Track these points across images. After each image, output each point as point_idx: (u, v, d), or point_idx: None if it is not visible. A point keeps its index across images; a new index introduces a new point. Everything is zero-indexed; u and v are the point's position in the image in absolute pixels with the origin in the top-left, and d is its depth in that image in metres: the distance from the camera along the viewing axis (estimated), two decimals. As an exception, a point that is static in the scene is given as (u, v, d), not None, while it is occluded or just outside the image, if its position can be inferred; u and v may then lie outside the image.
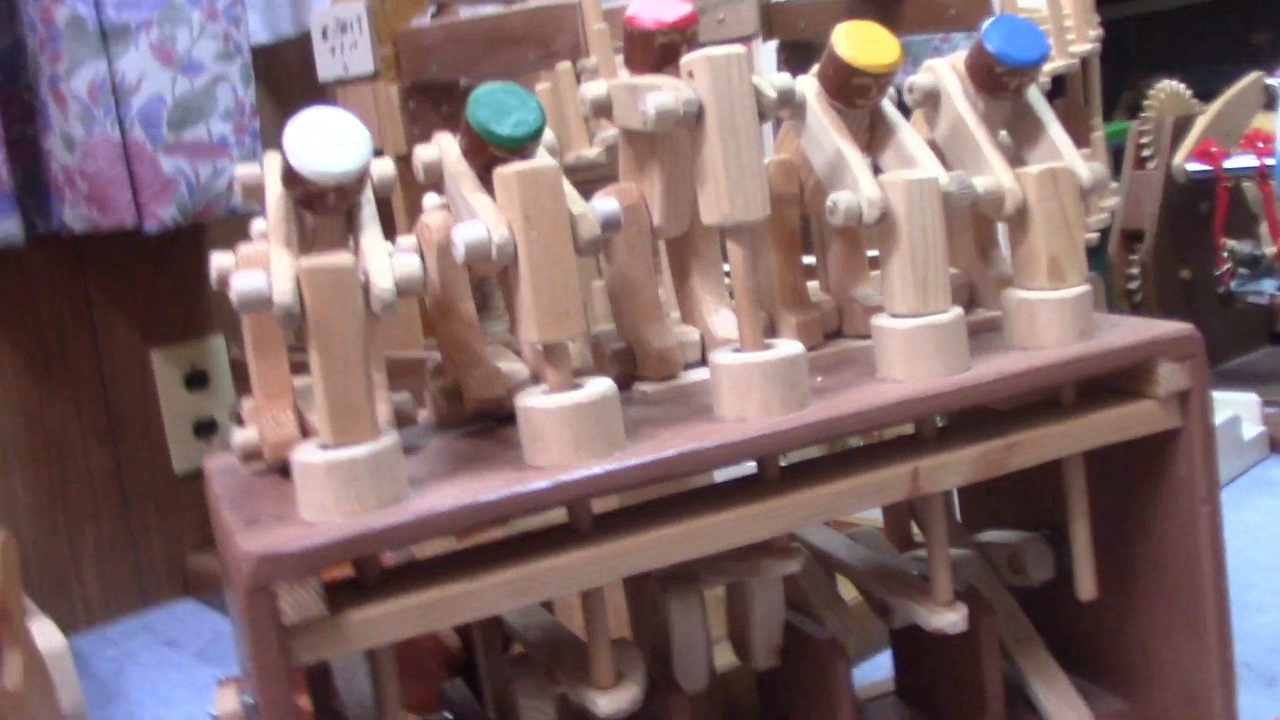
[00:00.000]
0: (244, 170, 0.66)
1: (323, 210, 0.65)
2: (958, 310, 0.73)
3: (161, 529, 1.57)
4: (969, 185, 0.75)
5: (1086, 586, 0.82)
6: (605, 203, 0.67)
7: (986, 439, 0.73)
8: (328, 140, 0.62)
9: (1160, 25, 2.70)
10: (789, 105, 0.76)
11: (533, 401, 0.65)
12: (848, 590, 0.93)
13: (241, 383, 1.57)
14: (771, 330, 0.81)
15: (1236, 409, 1.59)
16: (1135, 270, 1.83)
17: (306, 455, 0.61)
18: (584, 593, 0.69)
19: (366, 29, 1.25)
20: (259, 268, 0.61)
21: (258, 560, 0.58)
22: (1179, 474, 0.79)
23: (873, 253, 0.80)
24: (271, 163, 0.66)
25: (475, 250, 0.63)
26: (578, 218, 0.65)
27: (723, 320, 0.79)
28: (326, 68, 1.33)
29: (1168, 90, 1.89)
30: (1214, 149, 1.73)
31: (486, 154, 0.68)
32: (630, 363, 0.79)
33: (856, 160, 0.74)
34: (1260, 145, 1.67)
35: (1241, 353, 1.97)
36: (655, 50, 0.72)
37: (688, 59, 0.68)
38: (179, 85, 1.32)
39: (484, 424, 0.76)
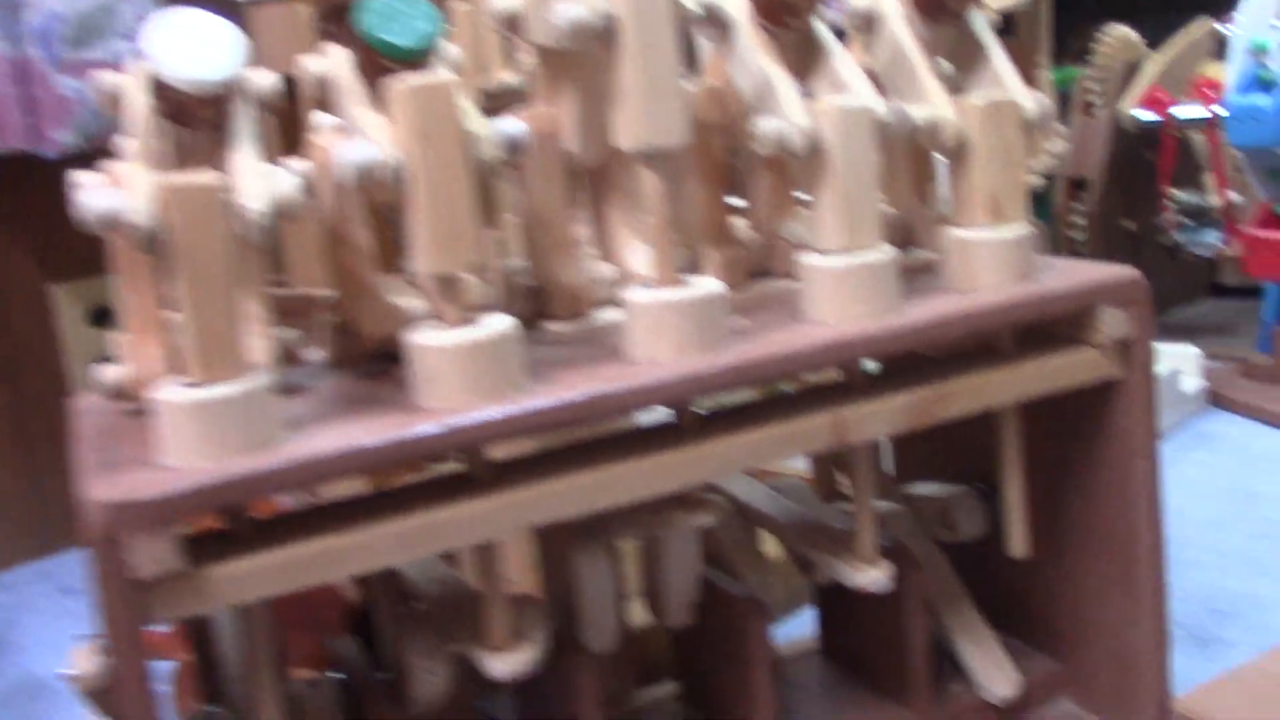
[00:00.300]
0: (103, 79, 0.60)
1: (194, 124, 0.58)
2: (890, 249, 0.68)
3: (63, 472, 1.50)
4: (906, 115, 0.69)
5: (1018, 544, 0.78)
6: (510, 123, 0.62)
7: (916, 387, 0.69)
8: (196, 45, 0.56)
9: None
10: (716, 23, 0.70)
11: (423, 338, 0.59)
12: (773, 545, 0.88)
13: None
14: (694, 269, 0.76)
15: (1176, 362, 1.56)
16: (1080, 220, 1.80)
17: (169, 394, 0.56)
18: (476, 546, 0.63)
19: (279, -56, 1.17)
20: (118, 186, 0.55)
21: (107, 508, 0.52)
22: (1118, 427, 0.75)
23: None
24: (136, 71, 0.60)
25: (366, 173, 0.57)
26: (476, 137, 0.59)
27: (641, 257, 0.74)
28: (237, -15, 1.25)
29: (1118, 36, 1.85)
30: (1162, 96, 1.69)
31: (379, 67, 0.62)
32: (540, 300, 0.73)
33: (785, 85, 0.68)
34: (1209, 93, 1.63)
35: (1183, 304, 1.94)
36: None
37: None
38: (78, 1, 1.24)
39: (383, 364, 0.71)
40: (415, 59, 0.61)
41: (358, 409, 0.61)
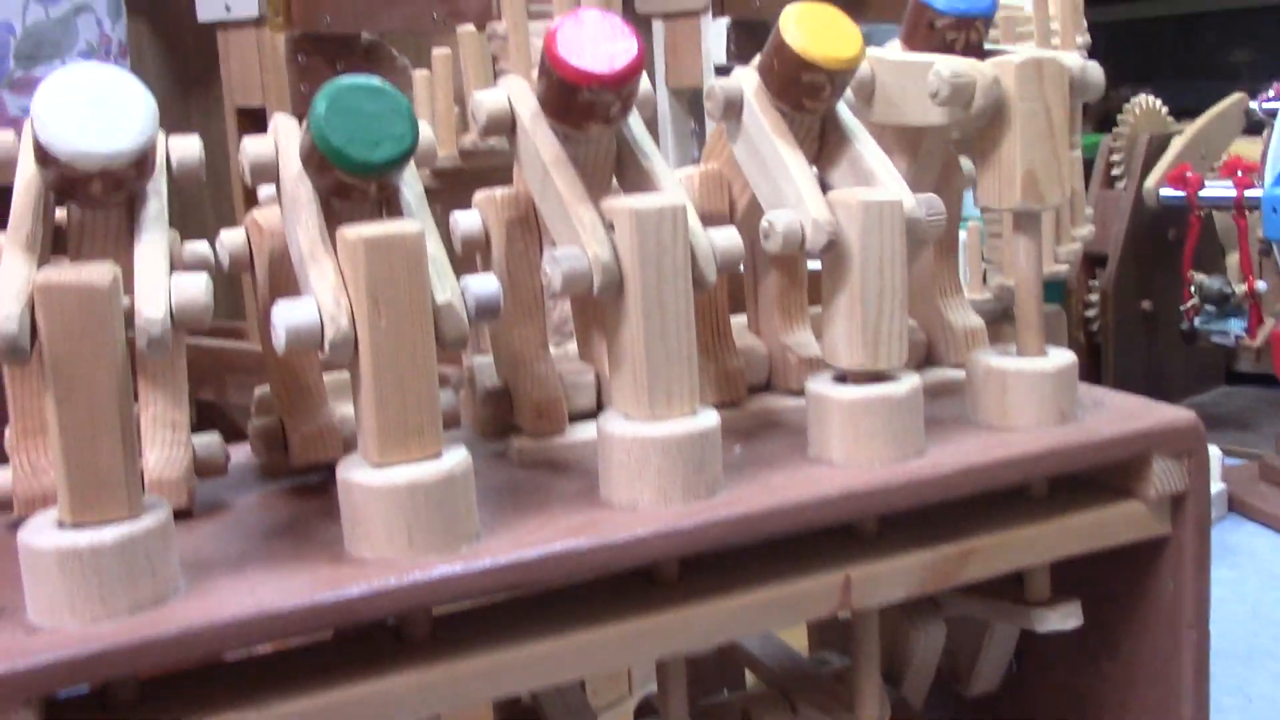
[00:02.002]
0: (-10, 139, 0.50)
1: (87, 202, 0.48)
2: (913, 379, 0.58)
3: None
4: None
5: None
6: (483, 281, 0.51)
7: (936, 542, 0.59)
8: (95, 108, 0.46)
9: (1133, 34, 2.57)
10: (724, 101, 0.61)
11: (356, 474, 0.49)
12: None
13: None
14: (684, 379, 0.66)
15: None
16: (1094, 297, 1.71)
17: (35, 536, 0.45)
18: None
19: (252, -34, 1.08)
20: (-14, 277, 0.45)
21: (-61, 687, 0.42)
22: (1162, 589, 0.65)
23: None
24: (28, 132, 0.50)
25: (300, 339, 0.47)
26: (442, 307, 0.49)
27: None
28: (207, 6, 1.15)
29: (1143, 106, 1.76)
30: (1190, 174, 1.60)
31: (334, 172, 0.51)
32: (507, 406, 0.63)
33: (802, 172, 0.59)
34: (1240, 175, 1.54)
35: (1197, 392, 1.85)
36: (578, 107, 0.56)
37: (610, 206, 0.53)
38: (31, 12, 1.13)
39: (321, 474, 0.61)
40: (381, 174, 0.50)
41: (275, 548, 0.51)
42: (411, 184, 0.54)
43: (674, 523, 0.52)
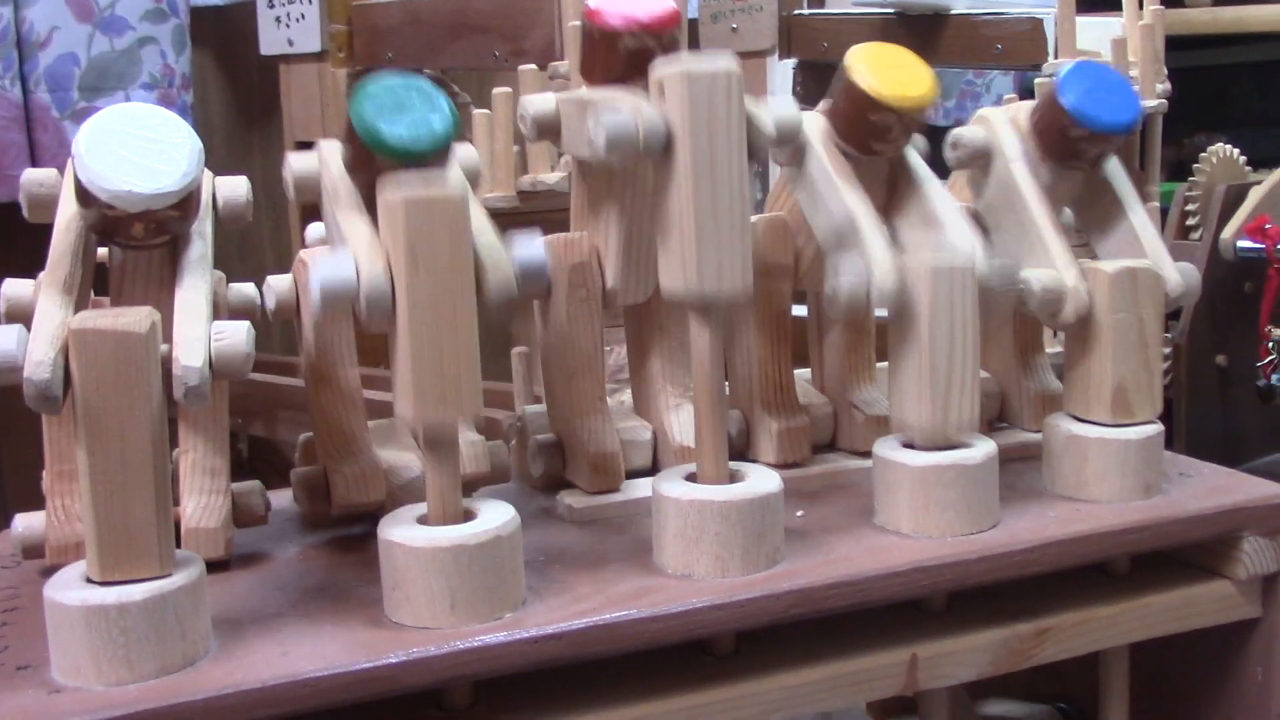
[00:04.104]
0: (32, 177, 0.48)
1: (129, 244, 0.47)
2: (989, 446, 0.55)
3: None
4: (1016, 278, 0.57)
5: (1117, 806, 0.63)
6: (527, 245, 0.49)
7: (1009, 620, 0.55)
8: (139, 149, 0.44)
9: (1209, 81, 2.52)
10: (790, 144, 0.58)
11: (397, 534, 0.47)
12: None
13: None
14: (746, 437, 0.63)
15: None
16: (1168, 351, 1.65)
17: (62, 591, 0.43)
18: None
19: (316, 0, 1.07)
20: (20, 304, 0.43)
21: (-48, 752, 0.40)
22: (1248, 675, 0.61)
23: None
24: (69, 173, 0.48)
25: (334, 295, 0.45)
26: (485, 263, 0.47)
27: (685, 420, 0.61)
28: (270, 40, 1.15)
29: (1220, 155, 1.71)
30: (1269, 226, 1.55)
31: (375, 168, 0.50)
32: (559, 459, 0.61)
33: (869, 226, 0.56)
34: (1322, 228, 1.48)
35: (1274, 450, 1.79)
36: (620, 57, 0.54)
37: (659, 70, 0.50)
38: (96, 43, 1.13)
39: (365, 525, 0.58)
40: (420, 161, 0.48)
41: (312, 609, 0.49)
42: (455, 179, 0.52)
43: (731, 594, 0.49)
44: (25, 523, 0.53)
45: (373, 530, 0.56)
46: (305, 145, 1.16)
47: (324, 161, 0.52)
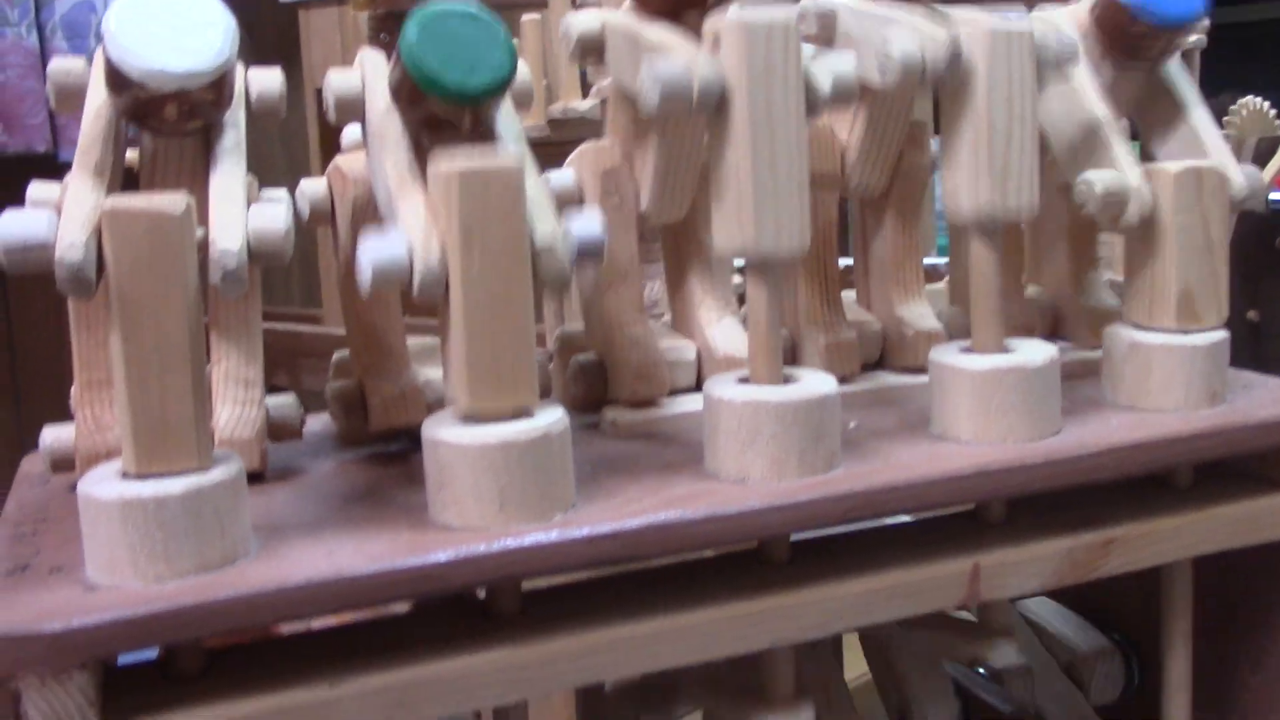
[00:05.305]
0: (59, 65, 0.46)
1: (161, 129, 0.45)
2: (1050, 349, 0.53)
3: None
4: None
5: (1178, 728, 0.61)
6: (586, 222, 0.46)
7: (1073, 530, 0.53)
8: (171, 27, 0.42)
9: (1236, 37, 2.49)
10: (846, 103, 0.55)
11: (444, 433, 0.45)
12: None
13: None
14: (792, 353, 0.61)
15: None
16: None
17: (97, 486, 0.42)
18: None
19: (336, -60, 1.05)
20: (48, 206, 0.41)
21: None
22: (1317, 594, 0.59)
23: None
24: (99, 60, 0.46)
25: (385, 278, 0.43)
26: (541, 246, 0.44)
27: (726, 333, 0.59)
28: (289, -17, 1.13)
29: (1250, 108, 1.69)
30: (1302, 178, 1.52)
31: (425, 104, 0.47)
32: (601, 381, 0.59)
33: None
34: (1357, 177, 1.46)
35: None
36: None
37: (714, 20, 0.48)
38: (113, -10, 1.12)
39: (403, 444, 0.57)
40: (477, 102, 0.46)
41: (354, 513, 0.47)
42: (509, 123, 0.49)
43: (789, 496, 0.47)
44: (54, 434, 0.51)
45: (413, 446, 0.55)
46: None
47: (368, 87, 0.50)
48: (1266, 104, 1.73)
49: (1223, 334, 0.56)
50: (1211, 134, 0.58)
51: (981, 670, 0.73)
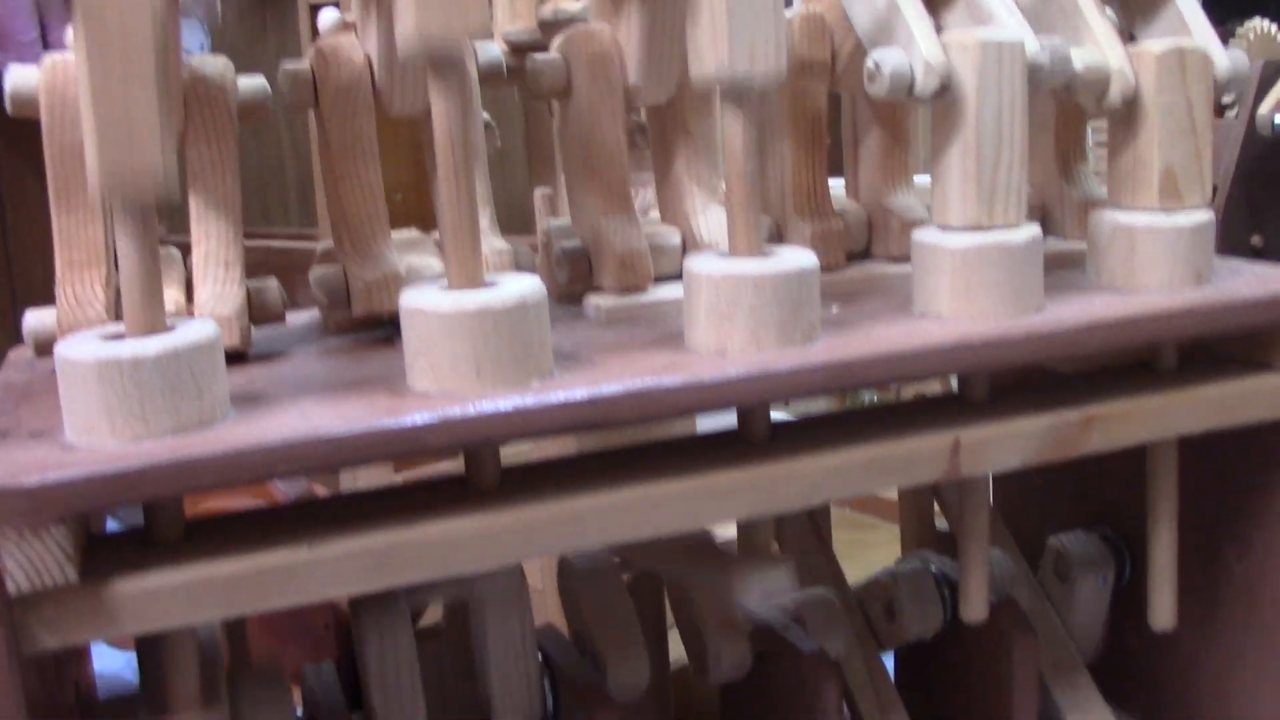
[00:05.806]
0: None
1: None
2: (1033, 228, 0.53)
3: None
4: (1065, 57, 0.54)
5: (1163, 613, 0.62)
6: None
7: (1054, 408, 0.53)
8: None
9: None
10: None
11: (420, 300, 0.45)
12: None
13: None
14: (778, 241, 0.61)
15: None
16: (1201, 231, 1.62)
17: (74, 349, 0.42)
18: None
19: None
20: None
21: (-34, 496, 0.38)
22: (1301, 478, 0.59)
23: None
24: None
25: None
26: None
27: (713, 221, 0.59)
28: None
29: (1257, 30, 1.67)
30: (1308, 100, 1.50)
31: None
32: (585, 267, 0.59)
33: (914, 11, 0.53)
34: (1363, 99, 1.44)
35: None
36: None
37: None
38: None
39: (385, 331, 0.57)
40: None
41: (334, 386, 0.47)
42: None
43: (768, 365, 0.47)
44: (36, 317, 0.52)
45: (395, 333, 0.55)
46: (320, 9, 1.13)
47: None
48: (1273, 27, 1.71)
49: (1207, 214, 0.56)
50: (1195, 16, 0.57)
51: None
